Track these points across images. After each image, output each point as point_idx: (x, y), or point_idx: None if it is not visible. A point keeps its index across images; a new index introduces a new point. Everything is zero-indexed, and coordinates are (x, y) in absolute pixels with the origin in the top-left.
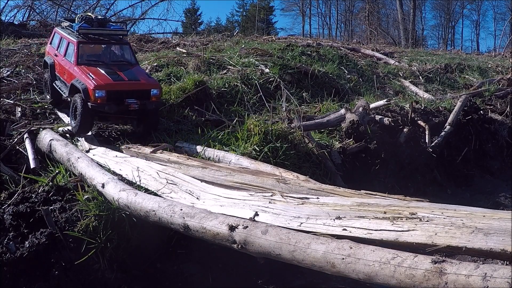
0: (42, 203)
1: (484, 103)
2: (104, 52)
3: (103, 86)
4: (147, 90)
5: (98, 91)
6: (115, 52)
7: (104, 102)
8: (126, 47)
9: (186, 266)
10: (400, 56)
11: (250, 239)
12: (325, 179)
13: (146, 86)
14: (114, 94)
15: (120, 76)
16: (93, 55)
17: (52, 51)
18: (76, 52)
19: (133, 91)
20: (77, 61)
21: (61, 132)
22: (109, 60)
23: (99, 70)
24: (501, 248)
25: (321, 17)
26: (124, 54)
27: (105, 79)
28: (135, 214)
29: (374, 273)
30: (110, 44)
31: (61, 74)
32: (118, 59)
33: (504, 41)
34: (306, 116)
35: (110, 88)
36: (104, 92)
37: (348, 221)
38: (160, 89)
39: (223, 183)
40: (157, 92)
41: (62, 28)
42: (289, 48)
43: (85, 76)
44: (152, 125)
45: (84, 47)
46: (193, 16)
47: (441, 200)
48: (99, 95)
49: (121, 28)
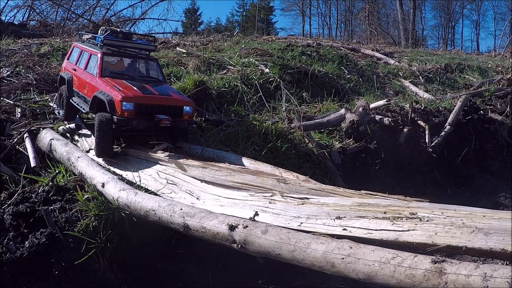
0: (42, 203)
1: (484, 103)
2: (129, 67)
3: (132, 98)
4: (179, 107)
5: (126, 103)
6: (141, 69)
7: (132, 116)
8: (153, 63)
9: (186, 266)
10: (400, 56)
11: (250, 238)
12: (325, 179)
13: (179, 103)
14: (143, 108)
15: (150, 90)
16: (117, 69)
17: (69, 66)
18: (100, 64)
19: (165, 107)
20: (100, 73)
21: (61, 131)
22: (135, 76)
23: (126, 83)
24: (501, 247)
25: (321, 17)
26: (151, 71)
27: (134, 91)
28: (135, 213)
29: (374, 273)
30: (136, 59)
31: (81, 88)
32: (146, 76)
33: (504, 41)
34: (306, 116)
35: (140, 101)
36: (133, 105)
37: (348, 221)
38: (193, 108)
39: (223, 183)
40: (190, 110)
41: (83, 42)
42: (289, 48)
43: (110, 88)
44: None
45: (108, 61)
46: (193, 16)
47: (441, 200)
48: (127, 108)
49: (148, 43)
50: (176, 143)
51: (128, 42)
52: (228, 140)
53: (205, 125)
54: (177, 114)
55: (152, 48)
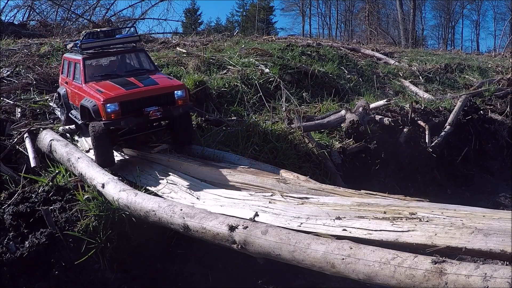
0: (42, 203)
1: (484, 103)
2: (116, 65)
3: (114, 98)
4: (169, 93)
5: (109, 104)
6: (130, 62)
7: (119, 117)
8: (142, 54)
9: (186, 266)
10: (400, 56)
11: (250, 239)
12: (325, 179)
13: (166, 89)
14: (129, 105)
15: (135, 84)
16: (104, 70)
17: (63, 80)
18: (82, 70)
19: (152, 98)
20: (84, 79)
21: (61, 132)
22: (124, 71)
23: (110, 83)
24: (501, 249)
25: (321, 17)
26: (140, 62)
27: (116, 90)
28: (135, 214)
29: (374, 273)
30: (122, 54)
31: (73, 100)
32: (134, 69)
33: (504, 41)
34: (306, 116)
35: (123, 98)
36: (117, 105)
37: (348, 221)
38: (185, 90)
39: (223, 183)
40: (182, 93)
41: (70, 53)
42: (289, 48)
43: (94, 92)
44: (184, 136)
45: (92, 63)
46: (193, 16)
47: (441, 200)
48: (111, 109)
49: (131, 35)
50: (180, 141)
51: (108, 40)
52: (228, 140)
53: (205, 125)
54: (168, 102)
55: (135, 38)
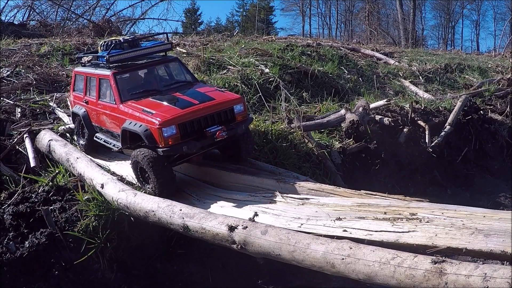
0: (42, 203)
1: (484, 103)
2: (149, 78)
3: (171, 120)
4: (228, 109)
5: (166, 128)
6: (163, 75)
7: (179, 141)
8: (175, 63)
9: (186, 266)
10: (400, 56)
11: (250, 239)
12: (325, 179)
13: (225, 105)
14: (188, 126)
15: (186, 101)
16: (139, 86)
17: (79, 98)
18: (115, 87)
19: (213, 116)
20: (120, 98)
21: (61, 132)
22: (163, 86)
23: (155, 101)
24: (501, 249)
25: (321, 17)
26: (175, 73)
27: (169, 110)
28: (134, 214)
29: (374, 273)
30: (154, 66)
31: (101, 122)
32: (174, 82)
33: (504, 41)
34: (306, 116)
35: (181, 120)
36: (174, 128)
37: (348, 222)
38: (244, 103)
39: (223, 183)
40: (242, 108)
41: (84, 66)
42: (289, 48)
43: (141, 114)
44: (247, 150)
45: (123, 78)
46: (193, 16)
47: (441, 200)
48: (169, 133)
49: (161, 42)
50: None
51: (138, 50)
52: None
53: None
54: (228, 119)
55: (168, 46)
